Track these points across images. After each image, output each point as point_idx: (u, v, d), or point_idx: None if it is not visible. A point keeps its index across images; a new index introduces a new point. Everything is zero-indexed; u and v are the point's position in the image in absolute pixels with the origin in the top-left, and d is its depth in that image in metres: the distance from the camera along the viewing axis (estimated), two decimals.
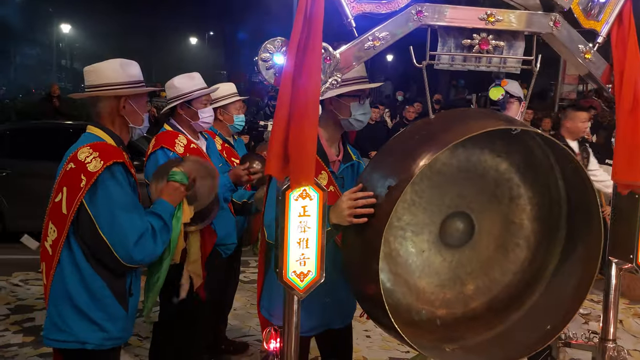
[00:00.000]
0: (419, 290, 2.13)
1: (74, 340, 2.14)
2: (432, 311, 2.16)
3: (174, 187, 2.33)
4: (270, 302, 2.39)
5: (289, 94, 1.71)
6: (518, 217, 2.20)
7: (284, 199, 1.72)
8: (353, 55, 1.81)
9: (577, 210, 2.10)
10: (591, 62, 2.04)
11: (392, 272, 2.09)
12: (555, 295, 2.14)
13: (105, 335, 2.16)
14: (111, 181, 2.09)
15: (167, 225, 2.25)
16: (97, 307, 2.13)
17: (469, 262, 2.17)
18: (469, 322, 2.18)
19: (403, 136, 2.01)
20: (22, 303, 4.92)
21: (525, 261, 2.22)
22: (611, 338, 2.21)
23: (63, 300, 2.14)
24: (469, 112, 2.16)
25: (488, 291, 2.21)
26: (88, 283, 2.12)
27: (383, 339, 4.30)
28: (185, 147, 2.92)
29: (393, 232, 2.06)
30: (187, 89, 3.01)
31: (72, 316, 2.13)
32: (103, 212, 2.07)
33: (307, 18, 1.69)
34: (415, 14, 1.82)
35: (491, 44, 1.91)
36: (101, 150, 2.12)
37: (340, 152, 2.41)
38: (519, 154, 2.12)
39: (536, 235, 2.21)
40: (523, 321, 2.15)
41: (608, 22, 2.02)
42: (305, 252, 1.75)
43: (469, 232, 2.14)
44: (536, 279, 2.20)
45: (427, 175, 2.04)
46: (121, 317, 2.20)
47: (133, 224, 2.09)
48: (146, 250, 2.13)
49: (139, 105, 2.29)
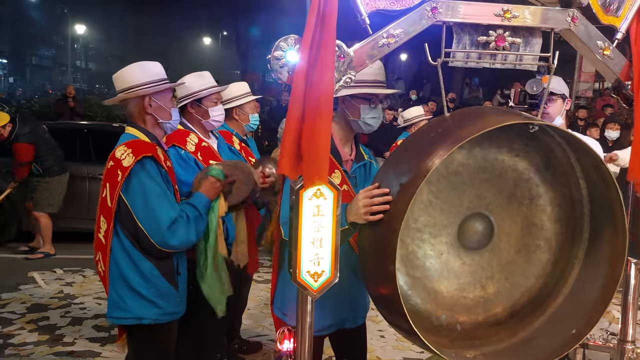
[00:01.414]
0: (437, 294, 2.08)
1: (132, 317, 2.39)
2: (453, 316, 2.09)
3: (211, 182, 2.56)
4: (284, 302, 2.38)
5: (302, 91, 1.70)
6: (539, 218, 2.13)
7: (298, 198, 1.70)
8: (367, 53, 1.79)
9: (600, 209, 2.03)
10: (610, 58, 2.01)
11: (409, 276, 2.04)
12: (580, 298, 2.05)
13: (159, 311, 2.41)
14: (142, 173, 2.32)
15: (202, 215, 2.46)
16: (148, 285, 2.38)
17: (489, 266, 2.11)
18: (491, 328, 2.11)
19: (418, 134, 1.98)
20: (38, 302, 4.99)
21: (548, 264, 2.15)
22: (630, 339, 2.17)
23: (119, 282, 2.39)
24: (485, 109, 2.11)
25: (510, 296, 2.14)
26: (138, 265, 2.36)
27: (397, 339, 4.28)
28: (196, 145, 2.94)
29: (410, 234, 2.02)
30: (197, 88, 3.02)
31: (128, 295, 2.38)
32: (137, 201, 2.32)
33: (320, 15, 1.68)
34: (429, 11, 1.80)
35: (507, 40, 1.88)
36: (134, 147, 2.36)
37: (353, 151, 2.40)
38: (538, 153, 2.06)
39: (558, 237, 2.14)
40: (547, 327, 2.08)
41: (627, 18, 1.99)
42: (319, 252, 1.74)
43: (489, 234, 2.08)
44: (560, 283, 2.12)
45: (443, 176, 1.99)
46: (172, 294, 2.43)
47: (164, 211, 2.31)
48: (179, 235, 2.34)
49: (164, 101, 2.49)
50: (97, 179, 6.83)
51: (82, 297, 5.16)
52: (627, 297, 2.16)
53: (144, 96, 2.45)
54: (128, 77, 2.47)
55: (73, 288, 5.40)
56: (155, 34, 27.16)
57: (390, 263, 1.74)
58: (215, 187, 2.56)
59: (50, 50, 32.43)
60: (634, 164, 2.00)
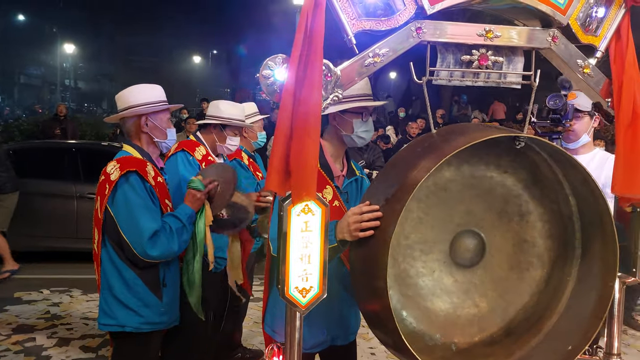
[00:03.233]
0: (431, 313, 2.07)
1: (116, 324, 2.50)
2: (447, 336, 2.07)
3: (192, 194, 2.64)
4: (274, 319, 2.38)
5: (290, 109, 1.73)
6: (530, 234, 2.13)
7: (286, 214, 1.72)
8: (354, 71, 1.82)
9: (590, 224, 2.04)
10: (590, 76, 2.06)
11: (402, 294, 2.03)
12: (575, 314, 2.06)
13: (141, 320, 2.50)
14: (126, 186, 2.45)
15: (186, 226, 2.54)
16: (132, 295, 2.48)
17: (481, 283, 2.11)
18: (487, 348, 2.09)
19: (406, 150, 2.01)
20: (24, 322, 4.91)
21: (541, 281, 2.14)
22: (616, 352, 2.18)
23: (107, 290, 2.51)
24: (470, 125, 2.15)
25: (504, 314, 2.13)
26: (122, 274, 2.48)
27: (388, 357, 4.26)
28: (203, 156, 3.16)
29: (401, 251, 2.01)
30: (228, 116, 3.29)
31: (114, 303, 2.49)
32: (121, 212, 2.44)
33: (307, 34, 1.71)
34: (414, 31, 1.84)
35: (490, 59, 1.93)
36: (122, 163, 2.50)
37: (344, 167, 2.43)
38: (525, 169, 2.08)
39: (550, 253, 2.14)
40: (543, 345, 2.07)
41: (606, 37, 2.04)
42: (307, 268, 1.75)
43: (480, 251, 2.08)
44: (554, 300, 2.12)
45: (432, 192, 2.01)
46: (155, 304, 2.52)
47: (146, 222, 2.42)
48: (160, 246, 2.43)
49: (160, 121, 2.64)
50: (86, 199, 6.81)
51: (69, 317, 5.09)
52: (612, 310, 2.17)
53: (141, 115, 2.60)
54: (128, 97, 2.63)
55: (60, 308, 5.33)
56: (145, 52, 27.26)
57: (381, 279, 1.74)
58: (197, 198, 2.64)
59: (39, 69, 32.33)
60: (617, 178, 2.04)
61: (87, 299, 5.64)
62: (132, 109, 2.60)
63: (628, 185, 2.02)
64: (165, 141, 2.67)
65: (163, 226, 2.47)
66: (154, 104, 2.62)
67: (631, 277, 2.09)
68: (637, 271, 2.07)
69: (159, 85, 2.71)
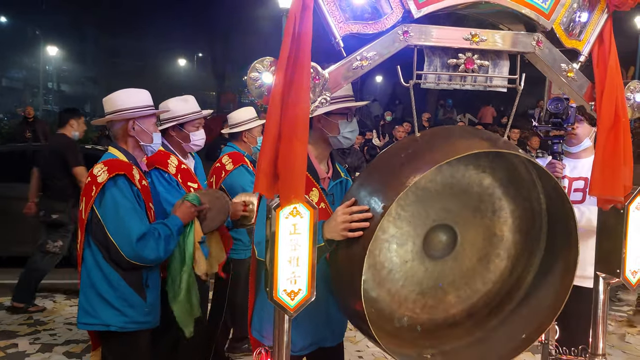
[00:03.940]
0: (401, 298, 2.17)
1: (100, 323, 2.51)
2: (414, 318, 2.20)
3: (187, 206, 2.67)
4: (261, 323, 2.37)
5: (279, 112, 1.73)
6: (500, 229, 2.24)
7: (274, 216, 1.72)
8: (342, 74, 1.83)
9: (556, 223, 2.15)
10: (574, 80, 2.09)
11: (375, 282, 2.12)
12: (532, 305, 2.19)
13: (126, 319, 2.51)
14: (114, 189, 2.47)
15: (174, 235, 2.56)
16: (116, 295, 2.49)
17: (451, 272, 2.22)
18: (449, 329, 2.23)
19: (389, 153, 2.03)
20: (5, 329, 4.83)
21: (506, 271, 2.27)
22: (600, 353, 2.22)
23: (89, 290, 2.52)
24: (454, 131, 2.20)
25: (468, 299, 2.26)
26: (107, 275, 2.49)
27: (375, 359, 4.27)
28: (177, 167, 3.05)
29: (378, 245, 2.08)
30: (180, 112, 3.10)
31: (97, 302, 2.50)
32: (109, 215, 2.45)
33: (295, 37, 1.72)
34: (401, 34, 1.85)
35: (476, 63, 1.95)
36: (109, 165, 2.52)
37: (329, 169, 2.44)
38: (503, 169, 2.15)
39: (517, 246, 2.26)
40: (500, 329, 2.21)
41: (589, 42, 2.08)
42: (295, 271, 1.75)
43: (452, 244, 2.18)
44: (515, 289, 2.26)
45: (412, 191, 2.06)
46: (139, 303, 2.53)
47: (134, 225, 2.44)
48: (148, 249, 2.45)
49: (147, 125, 2.67)
50: None
51: (52, 323, 5.02)
52: (597, 311, 2.21)
53: (129, 119, 2.63)
54: (116, 101, 2.65)
55: (42, 314, 5.25)
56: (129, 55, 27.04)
57: (358, 276, 1.81)
58: (190, 211, 2.68)
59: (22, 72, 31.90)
60: (596, 180, 2.07)
61: (70, 303, 5.57)
62: (120, 112, 2.63)
63: (608, 188, 2.06)
64: (151, 145, 2.70)
65: (151, 230, 2.49)
66: (141, 108, 2.66)
67: (615, 278, 2.13)
68: (621, 272, 2.10)
69: (145, 90, 2.74)
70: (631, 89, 2.15)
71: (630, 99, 2.15)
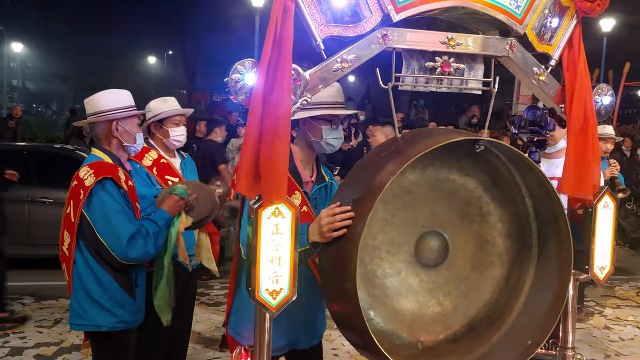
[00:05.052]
0: (397, 312, 2.13)
1: (91, 324, 2.58)
2: (413, 335, 2.14)
3: (174, 200, 2.73)
4: (239, 322, 2.37)
5: (260, 113, 1.74)
6: (490, 234, 2.22)
7: (256, 217, 1.73)
8: (322, 76, 1.86)
9: (546, 224, 2.15)
10: (545, 83, 2.16)
11: (370, 295, 2.08)
12: (533, 310, 2.16)
13: (116, 319, 2.58)
14: (102, 192, 2.51)
15: (162, 230, 2.62)
16: (107, 296, 2.56)
17: (445, 282, 2.18)
18: (451, 346, 2.17)
19: (372, 154, 2.06)
20: None
21: (501, 279, 2.23)
22: (570, 346, 2.29)
23: (80, 292, 2.58)
24: (433, 130, 2.24)
25: (467, 311, 2.21)
26: (98, 277, 2.55)
27: (350, 357, 4.31)
28: (154, 161, 3.22)
29: (368, 252, 2.06)
30: (159, 110, 3.31)
31: (88, 304, 2.56)
32: (98, 217, 2.50)
33: (276, 40, 1.73)
34: (380, 38, 1.89)
35: (452, 66, 2.00)
36: (96, 168, 2.56)
37: (313, 173, 2.44)
38: (485, 172, 2.17)
39: (509, 252, 2.23)
40: (504, 341, 2.16)
41: (559, 46, 2.15)
42: (277, 270, 1.76)
43: (444, 251, 2.16)
44: (513, 297, 2.22)
45: (398, 195, 2.07)
46: (129, 303, 2.61)
47: (123, 226, 2.48)
48: (138, 248, 2.50)
49: (130, 126, 2.71)
50: (38, 203, 6.58)
51: (21, 326, 4.91)
52: (567, 306, 2.27)
53: (112, 120, 2.66)
54: (98, 102, 2.68)
55: None
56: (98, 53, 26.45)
57: (350, 279, 1.78)
58: (178, 204, 2.74)
59: None
60: (567, 179, 2.15)
61: (40, 306, 5.46)
62: (103, 114, 2.66)
63: (578, 187, 2.13)
64: (134, 145, 2.75)
65: (139, 229, 2.53)
66: (124, 109, 2.69)
67: (584, 274, 2.20)
68: (589, 268, 2.18)
69: (127, 91, 2.78)
70: (599, 92, 2.23)
71: (598, 101, 2.23)
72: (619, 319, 5.65)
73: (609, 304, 6.16)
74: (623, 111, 16.47)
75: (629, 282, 7.04)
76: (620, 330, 5.35)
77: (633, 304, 6.13)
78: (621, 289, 6.70)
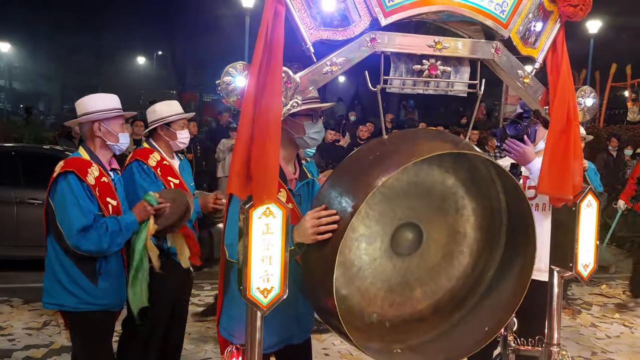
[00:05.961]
0: (370, 295, 2.25)
1: (56, 303, 2.83)
2: (382, 314, 2.29)
3: (143, 205, 2.90)
4: (230, 322, 2.40)
5: (251, 115, 1.78)
6: (462, 227, 2.35)
7: (247, 217, 1.76)
8: (312, 79, 1.89)
9: (515, 220, 2.26)
10: (529, 86, 2.21)
11: (345, 280, 2.19)
12: (493, 300, 2.31)
13: (78, 300, 2.79)
14: (63, 182, 2.74)
15: (122, 230, 2.79)
16: (69, 280, 2.78)
17: (417, 269, 2.31)
18: (416, 324, 2.33)
19: (358, 155, 2.11)
20: None
21: (469, 267, 2.38)
22: (555, 343, 2.34)
23: (49, 273, 2.83)
24: (419, 133, 2.31)
25: (434, 295, 2.36)
26: (62, 261, 2.79)
27: (341, 356, 4.35)
28: (157, 162, 3.34)
29: (348, 244, 2.14)
30: (167, 114, 3.45)
31: (54, 285, 2.81)
32: (58, 206, 2.75)
33: (267, 43, 1.77)
34: (369, 41, 1.93)
35: (439, 69, 2.04)
36: (66, 163, 2.80)
37: (296, 170, 2.48)
38: (465, 169, 2.26)
39: (479, 243, 2.37)
40: (464, 322, 2.32)
41: (543, 50, 2.20)
42: (268, 269, 1.80)
43: (418, 241, 2.27)
44: (478, 284, 2.37)
45: (379, 190, 2.13)
46: (91, 289, 2.79)
47: (75, 217, 2.69)
48: (90, 241, 2.69)
49: (113, 127, 2.92)
50: (26, 204, 6.55)
51: (10, 328, 4.89)
52: (552, 303, 2.33)
53: (94, 121, 2.88)
54: (85, 105, 2.92)
55: (0, 319, 5.11)
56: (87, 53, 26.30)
57: (330, 276, 1.87)
58: (146, 210, 2.91)
59: None
60: (545, 179, 2.20)
61: (29, 307, 5.43)
62: (87, 115, 2.89)
63: (558, 187, 2.18)
64: (117, 144, 2.94)
65: (98, 224, 2.72)
66: (107, 111, 2.91)
67: (569, 271, 2.26)
68: (573, 266, 2.23)
69: (115, 95, 3.01)
70: (582, 93, 2.29)
71: (582, 103, 2.29)
72: (606, 317, 5.74)
73: (596, 302, 6.25)
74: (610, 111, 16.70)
75: (615, 280, 7.15)
76: (607, 327, 5.44)
77: (619, 302, 6.22)
78: (608, 287, 6.80)
